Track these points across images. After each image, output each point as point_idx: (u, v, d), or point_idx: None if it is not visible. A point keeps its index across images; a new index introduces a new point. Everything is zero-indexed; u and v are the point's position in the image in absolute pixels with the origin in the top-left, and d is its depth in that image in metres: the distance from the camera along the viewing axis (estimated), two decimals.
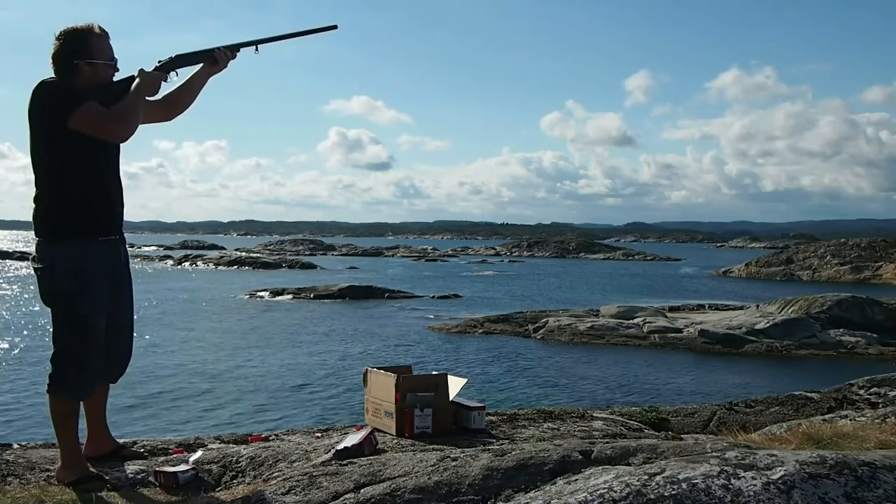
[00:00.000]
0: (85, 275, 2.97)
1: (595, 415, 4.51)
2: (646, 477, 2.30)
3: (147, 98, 3.08)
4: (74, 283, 2.94)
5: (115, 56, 3.09)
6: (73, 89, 2.92)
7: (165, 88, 3.21)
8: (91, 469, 3.05)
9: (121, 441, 3.47)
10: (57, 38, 2.99)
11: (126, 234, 3.26)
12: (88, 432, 3.30)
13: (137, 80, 3.07)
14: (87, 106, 2.88)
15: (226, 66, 3.26)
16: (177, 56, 3.22)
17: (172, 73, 3.20)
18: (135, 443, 3.62)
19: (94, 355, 3.02)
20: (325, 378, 15.49)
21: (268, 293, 33.80)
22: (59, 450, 3.06)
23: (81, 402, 3.16)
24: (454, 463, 2.75)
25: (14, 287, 37.29)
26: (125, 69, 3.16)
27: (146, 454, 3.40)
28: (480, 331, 22.69)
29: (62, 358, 2.99)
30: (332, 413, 12.36)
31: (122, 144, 3.14)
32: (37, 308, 27.09)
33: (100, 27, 3.04)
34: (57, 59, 2.99)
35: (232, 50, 3.28)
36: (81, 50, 2.98)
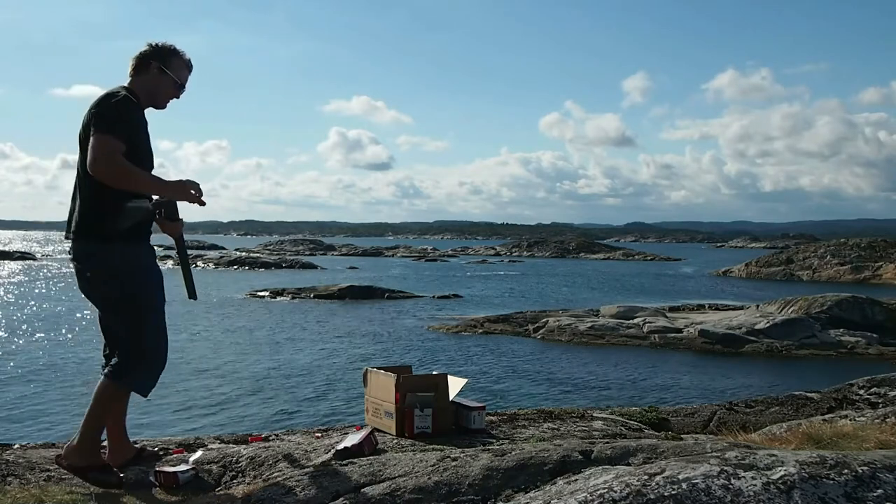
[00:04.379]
0: (151, 273, 3.09)
1: (595, 415, 4.51)
2: (646, 477, 2.30)
3: (140, 189, 3.03)
4: (145, 281, 3.05)
5: (185, 87, 3.21)
6: (118, 112, 2.93)
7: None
8: (107, 462, 3.08)
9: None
10: (148, 44, 3.15)
11: None
12: (110, 440, 3.27)
13: (175, 187, 3.04)
14: (106, 137, 2.88)
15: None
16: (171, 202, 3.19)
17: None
18: (135, 443, 3.61)
19: (163, 352, 3.12)
20: (325, 378, 15.49)
21: (268, 293, 33.79)
22: (80, 434, 3.04)
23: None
24: (454, 463, 2.75)
25: (14, 288, 37.30)
26: (128, 69, 3.17)
27: (161, 452, 3.43)
28: (480, 331, 22.68)
29: (136, 354, 3.04)
30: (332, 413, 12.37)
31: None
32: (37, 309, 27.11)
33: (189, 59, 3.20)
34: (137, 58, 3.13)
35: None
36: (161, 57, 3.13)
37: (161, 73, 3.11)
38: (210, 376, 15.31)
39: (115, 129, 2.90)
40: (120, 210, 2.97)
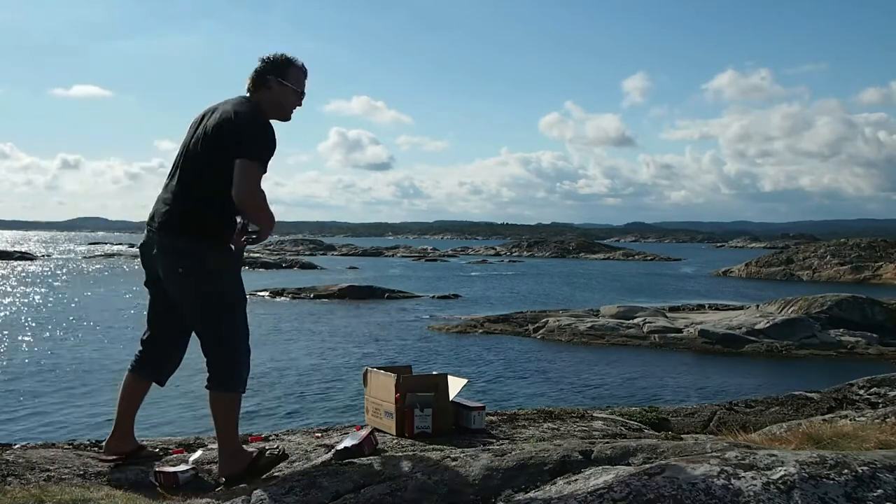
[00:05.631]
0: (239, 273, 3.19)
1: (595, 415, 4.51)
2: (646, 477, 2.30)
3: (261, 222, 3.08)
4: (234, 279, 3.14)
5: (305, 93, 3.21)
6: (267, 141, 3.00)
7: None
8: (249, 449, 3.20)
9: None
10: (261, 59, 3.15)
11: (126, 234, 3.31)
12: (116, 426, 3.31)
13: (263, 226, 3.11)
14: (254, 164, 2.94)
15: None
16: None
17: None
18: None
19: (248, 346, 3.19)
20: (326, 378, 15.48)
21: (268, 293, 33.79)
22: (220, 449, 3.11)
23: (119, 399, 3.32)
24: (454, 463, 2.75)
25: (13, 288, 37.29)
26: (129, 68, 3.19)
27: (161, 453, 3.43)
28: (480, 331, 22.68)
29: (234, 354, 3.12)
30: (332, 413, 12.36)
31: (117, 151, 3.23)
32: (36, 309, 27.11)
33: (303, 64, 3.19)
34: (255, 75, 3.14)
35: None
36: (277, 70, 3.13)
37: (281, 85, 3.12)
38: None
39: (264, 156, 2.97)
40: (231, 223, 3.06)
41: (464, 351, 19.33)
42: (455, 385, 3.83)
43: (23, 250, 72.13)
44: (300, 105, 3.23)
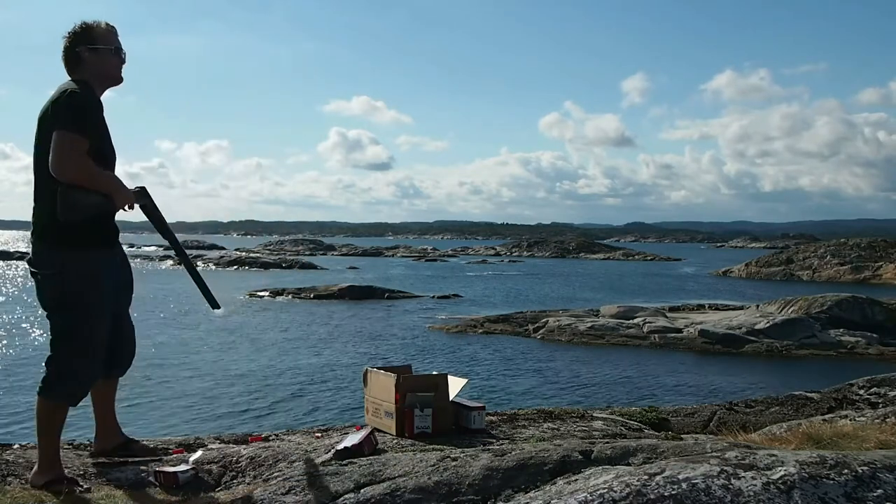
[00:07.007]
0: (96, 281, 2.97)
1: (595, 415, 4.51)
2: (646, 477, 2.29)
3: (99, 189, 2.91)
4: (85, 288, 2.94)
5: (123, 48, 3.09)
6: (75, 108, 2.85)
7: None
8: (66, 473, 3.01)
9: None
10: (63, 37, 3.03)
11: (127, 234, 3.28)
12: (97, 427, 3.32)
13: (119, 186, 2.97)
14: (61, 133, 2.80)
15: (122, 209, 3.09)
16: (149, 203, 3.14)
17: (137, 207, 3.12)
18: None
19: (92, 361, 3.00)
20: (326, 378, 15.48)
21: (268, 293, 33.79)
22: (38, 451, 2.99)
23: (90, 398, 3.21)
24: (454, 463, 2.75)
25: (17, 288, 37.29)
26: (128, 68, 3.16)
27: (159, 450, 3.43)
28: (480, 331, 22.68)
29: (61, 362, 2.96)
30: (332, 413, 12.37)
31: (117, 151, 3.15)
32: (35, 309, 27.12)
33: (106, 23, 3.07)
34: (64, 55, 3.02)
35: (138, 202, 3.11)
36: (83, 39, 3.01)
37: (93, 52, 3.00)
38: (210, 376, 15.31)
39: (70, 124, 2.80)
40: (72, 207, 2.86)
41: (464, 351, 19.34)
42: (455, 385, 3.83)
43: (24, 250, 72.15)
44: (123, 62, 3.09)
